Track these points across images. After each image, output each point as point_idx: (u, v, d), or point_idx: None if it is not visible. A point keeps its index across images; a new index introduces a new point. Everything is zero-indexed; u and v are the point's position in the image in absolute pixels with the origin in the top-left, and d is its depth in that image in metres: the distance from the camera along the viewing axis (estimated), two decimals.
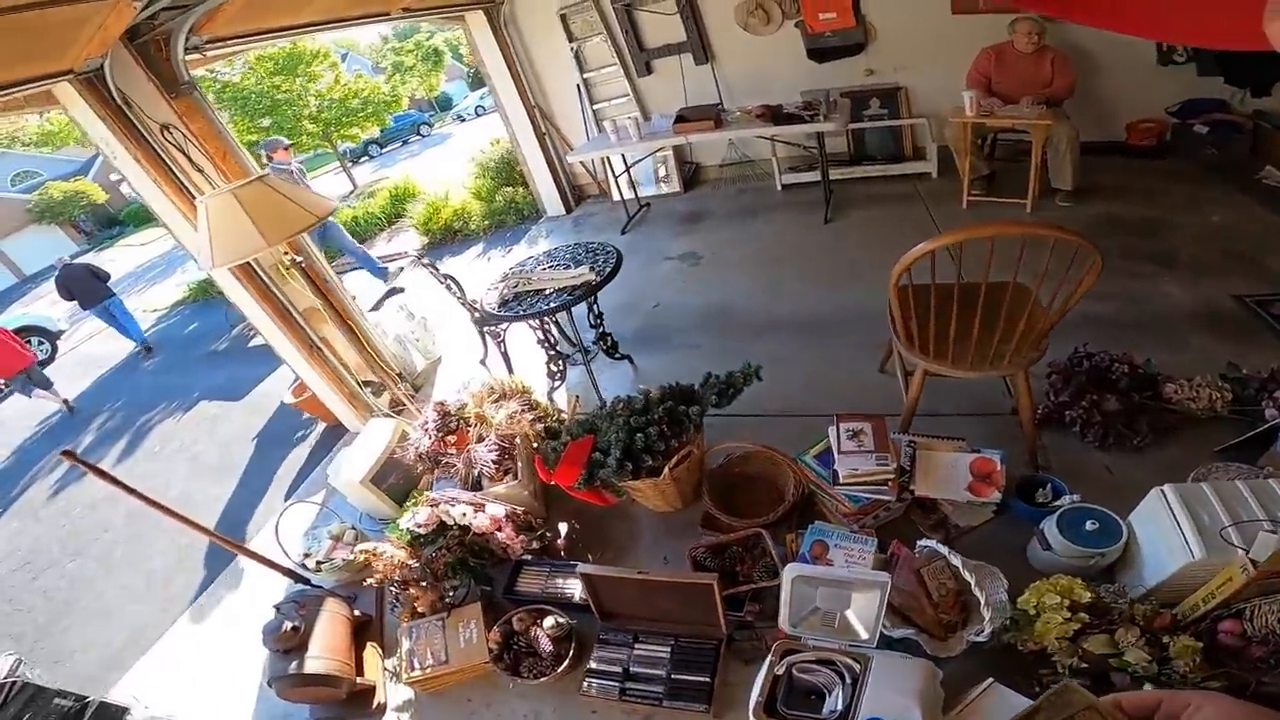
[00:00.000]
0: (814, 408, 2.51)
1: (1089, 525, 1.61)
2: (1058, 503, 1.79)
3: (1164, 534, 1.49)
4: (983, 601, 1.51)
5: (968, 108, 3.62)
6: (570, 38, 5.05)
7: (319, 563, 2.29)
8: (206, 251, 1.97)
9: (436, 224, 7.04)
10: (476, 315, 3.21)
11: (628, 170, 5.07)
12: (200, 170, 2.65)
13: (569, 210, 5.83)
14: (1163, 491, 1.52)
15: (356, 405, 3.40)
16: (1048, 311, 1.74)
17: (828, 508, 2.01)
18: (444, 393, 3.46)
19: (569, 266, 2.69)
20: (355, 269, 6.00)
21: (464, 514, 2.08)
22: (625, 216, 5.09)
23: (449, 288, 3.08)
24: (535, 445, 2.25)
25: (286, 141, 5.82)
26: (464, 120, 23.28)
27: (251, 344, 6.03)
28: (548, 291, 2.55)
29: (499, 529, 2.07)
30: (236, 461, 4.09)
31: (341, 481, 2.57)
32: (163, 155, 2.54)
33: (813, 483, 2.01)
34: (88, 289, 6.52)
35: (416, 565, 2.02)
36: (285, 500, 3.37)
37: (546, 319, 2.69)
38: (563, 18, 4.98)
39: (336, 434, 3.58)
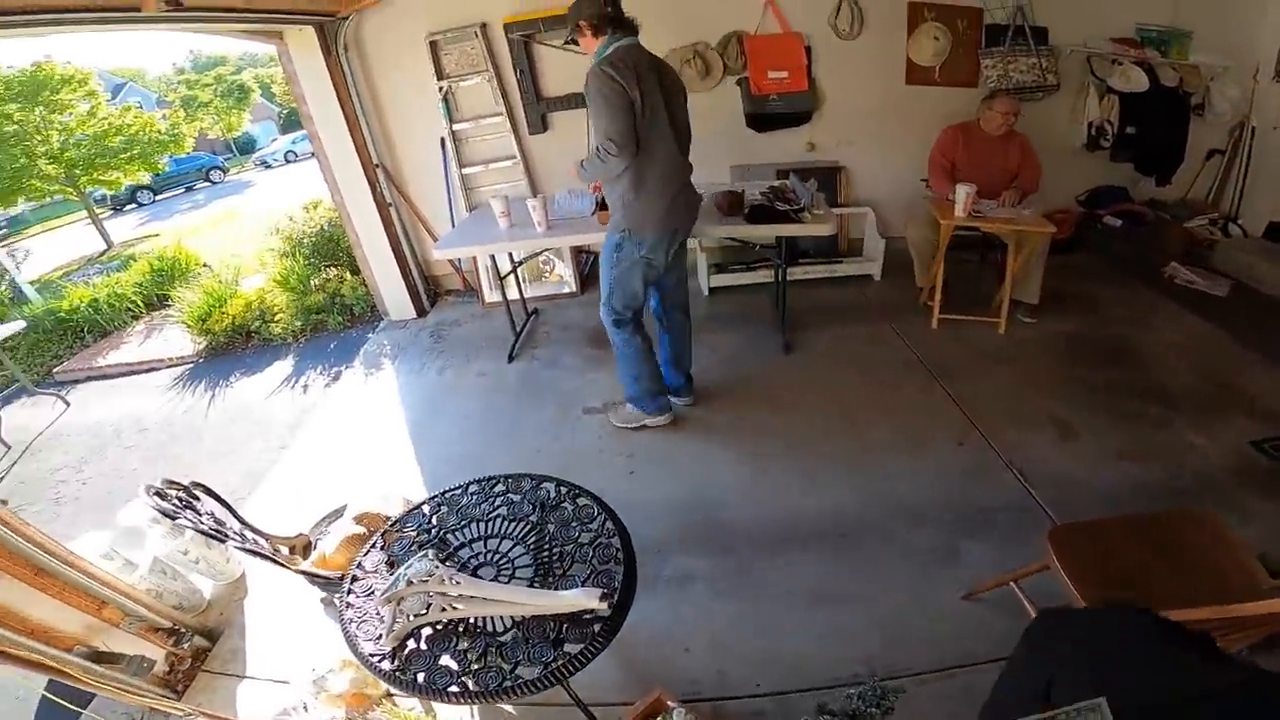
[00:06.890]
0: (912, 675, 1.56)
1: None
2: None
3: None
4: None
5: (959, 206, 2.91)
6: (440, 74, 3.76)
7: None
8: None
9: (220, 323, 4.69)
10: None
11: (515, 270, 3.65)
12: None
13: (422, 313, 4.24)
14: None
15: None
16: None
17: None
18: (265, 647, 1.97)
19: (519, 577, 1.40)
20: None
21: None
22: (507, 331, 3.55)
23: (220, 535, 1.69)
24: None
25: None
26: (270, 166, 20.06)
27: None
28: (498, 633, 1.31)
29: None
30: None
31: None
32: None
33: None
34: None
35: None
36: None
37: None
38: (433, 45, 3.69)
39: None
